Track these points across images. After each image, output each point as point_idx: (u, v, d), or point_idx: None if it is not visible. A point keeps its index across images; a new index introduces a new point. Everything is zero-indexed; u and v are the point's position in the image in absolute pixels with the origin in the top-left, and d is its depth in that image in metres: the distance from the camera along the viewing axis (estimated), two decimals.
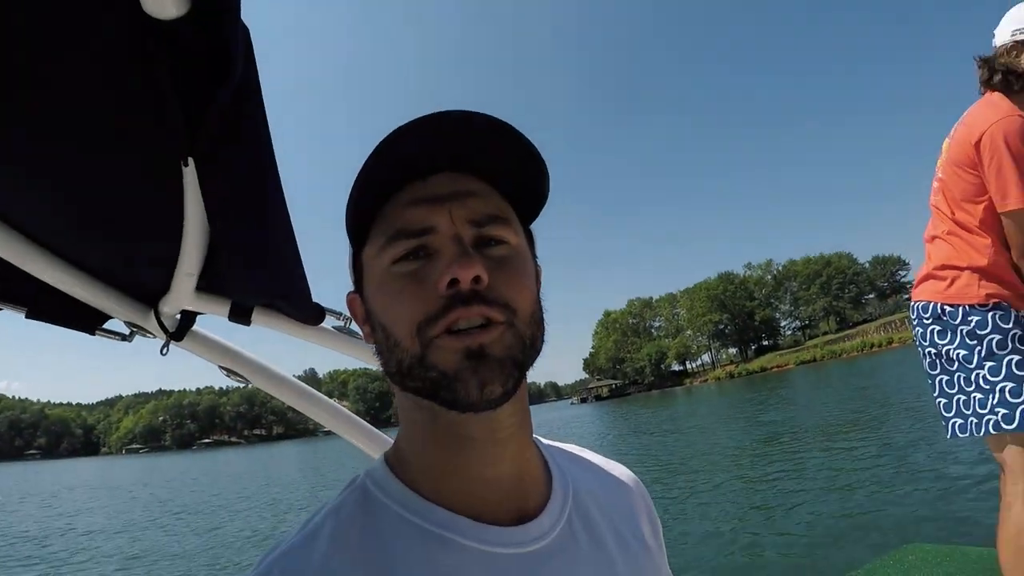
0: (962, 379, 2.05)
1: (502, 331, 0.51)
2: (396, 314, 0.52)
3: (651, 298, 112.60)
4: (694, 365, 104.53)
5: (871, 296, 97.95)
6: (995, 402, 1.96)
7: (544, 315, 0.56)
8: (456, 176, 0.55)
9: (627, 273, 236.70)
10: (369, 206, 0.55)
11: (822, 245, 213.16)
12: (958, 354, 2.05)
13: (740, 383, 61.22)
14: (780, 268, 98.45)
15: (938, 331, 2.11)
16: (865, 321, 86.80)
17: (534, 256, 0.60)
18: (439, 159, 0.54)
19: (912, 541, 3.50)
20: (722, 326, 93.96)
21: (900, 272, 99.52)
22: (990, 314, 2.01)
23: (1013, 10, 2.11)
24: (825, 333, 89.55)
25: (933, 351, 2.14)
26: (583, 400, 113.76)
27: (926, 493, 6.92)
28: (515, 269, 0.54)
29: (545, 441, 0.68)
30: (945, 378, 2.12)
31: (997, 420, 1.94)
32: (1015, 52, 2.05)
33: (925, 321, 2.16)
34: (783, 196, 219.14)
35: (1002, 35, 2.11)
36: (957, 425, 2.07)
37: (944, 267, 2.11)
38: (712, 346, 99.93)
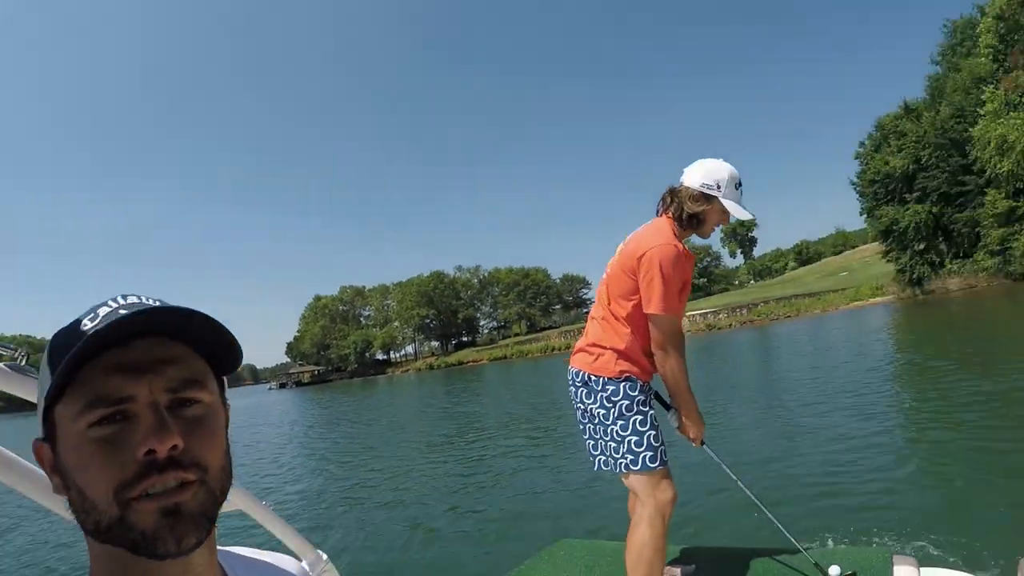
0: (601, 431, 2.55)
1: (195, 490, 0.54)
2: (92, 478, 0.52)
3: (364, 287, 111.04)
4: (398, 355, 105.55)
5: (558, 306, 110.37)
6: (624, 450, 2.47)
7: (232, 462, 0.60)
8: (155, 341, 0.56)
9: (344, 260, 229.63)
10: (67, 369, 0.53)
11: (524, 259, 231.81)
12: (598, 412, 2.54)
13: (439, 374, 63.91)
14: (486, 274, 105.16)
15: (584, 393, 2.59)
16: (550, 327, 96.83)
17: (224, 401, 0.63)
18: (138, 329, 0.54)
19: (565, 536, 3.68)
20: (428, 320, 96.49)
21: (583, 289, 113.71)
22: (622, 384, 2.51)
23: (708, 163, 2.54)
24: (517, 334, 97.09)
25: (581, 406, 2.63)
26: (282, 385, 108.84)
27: (582, 490, 7.33)
28: (208, 429, 0.57)
29: (223, 550, 0.67)
30: (591, 427, 2.61)
31: (627, 463, 2.47)
32: (699, 202, 2.50)
33: (576, 383, 2.63)
34: (505, 213, 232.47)
35: (691, 180, 2.52)
36: (601, 461, 2.60)
37: (594, 345, 2.59)
38: (417, 338, 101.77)
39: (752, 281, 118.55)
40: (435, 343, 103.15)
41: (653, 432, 2.50)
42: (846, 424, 8.75)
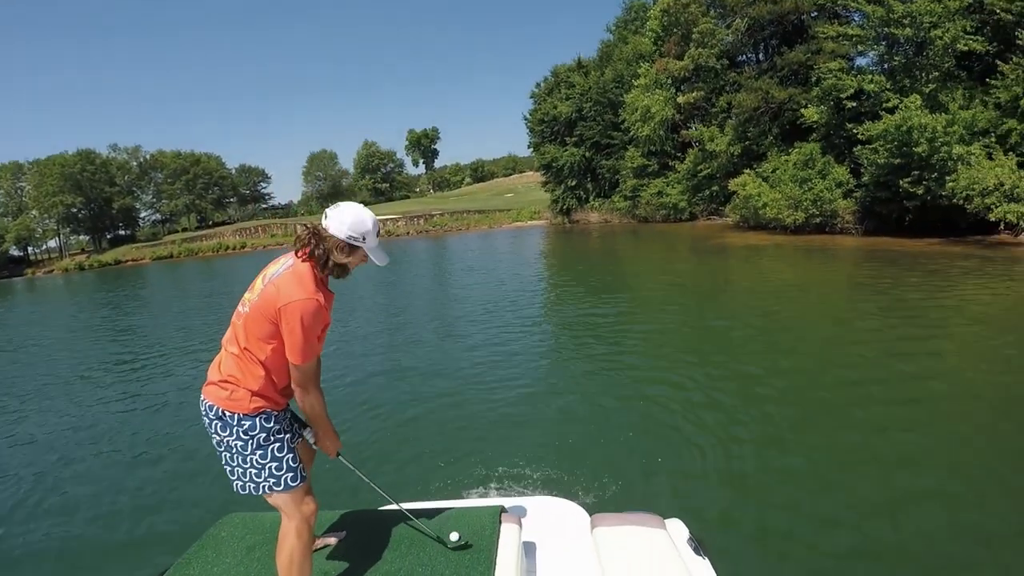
0: (239, 459, 2.63)
1: None
2: None
3: None
4: (38, 251, 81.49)
5: (233, 200, 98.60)
6: (267, 475, 2.62)
7: None
8: None
9: None
10: None
11: (194, 143, 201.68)
12: (235, 444, 2.61)
13: (92, 276, 53.72)
14: (148, 156, 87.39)
15: (220, 426, 2.61)
16: (224, 223, 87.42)
17: None
18: None
19: (234, 507, 3.49)
20: (75, 210, 76.28)
21: (262, 183, 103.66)
22: (257, 418, 2.60)
23: (354, 214, 2.56)
24: (185, 229, 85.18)
25: (217, 438, 2.65)
26: None
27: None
28: None
29: None
30: (227, 456, 2.65)
31: (270, 485, 2.63)
32: (345, 251, 2.57)
33: (210, 416, 2.62)
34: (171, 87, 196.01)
35: (337, 229, 2.53)
36: (239, 486, 2.69)
37: (228, 380, 2.59)
38: (62, 231, 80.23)
39: (431, 191, 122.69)
40: (85, 237, 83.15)
41: (291, 455, 2.69)
42: (486, 358, 9.49)
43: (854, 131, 23.17)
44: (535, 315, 13.21)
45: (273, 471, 2.63)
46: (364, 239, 2.57)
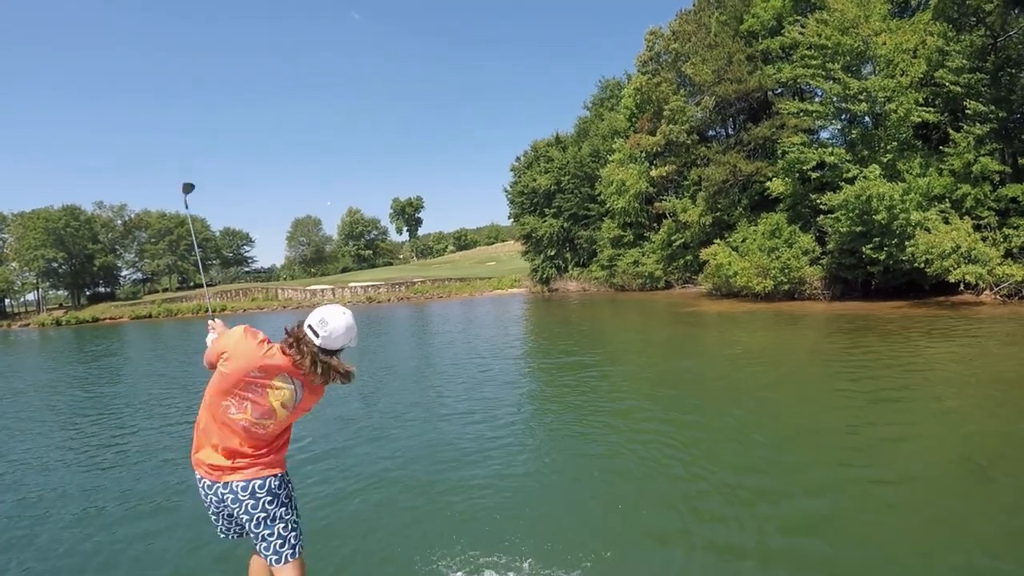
0: (282, 525, 2.86)
1: None
2: None
3: None
4: (16, 304, 79.19)
5: (216, 262, 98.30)
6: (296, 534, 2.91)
7: None
8: None
9: None
10: None
11: (180, 205, 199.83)
12: (281, 511, 2.87)
13: (68, 332, 52.02)
14: (133, 216, 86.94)
15: (268, 500, 2.85)
16: (206, 285, 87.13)
17: None
18: None
19: None
20: (57, 264, 74.10)
21: (245, 247, 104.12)
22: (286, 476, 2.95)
23: (327, 313, 2.77)
24: (166, 290, 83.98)
25: (261, 513, 2.82)
26: None
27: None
28: None
29: None
30: (262, 525, 2.84)
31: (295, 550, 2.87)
32: (303, 339, 2.74)
33: (259, 493, 2.81)
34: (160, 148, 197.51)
35: (311, 317, 2.77)
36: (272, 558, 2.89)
37: (259, 454, 2.86)
38: (41, 285, 77.19)
39: (415, 259, 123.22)
40: (63, 292, 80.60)
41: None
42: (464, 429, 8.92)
43: (818, 201, 23.69)
44: (516, 383, 12.52)
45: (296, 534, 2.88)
46: (317, 335, 2.72)
